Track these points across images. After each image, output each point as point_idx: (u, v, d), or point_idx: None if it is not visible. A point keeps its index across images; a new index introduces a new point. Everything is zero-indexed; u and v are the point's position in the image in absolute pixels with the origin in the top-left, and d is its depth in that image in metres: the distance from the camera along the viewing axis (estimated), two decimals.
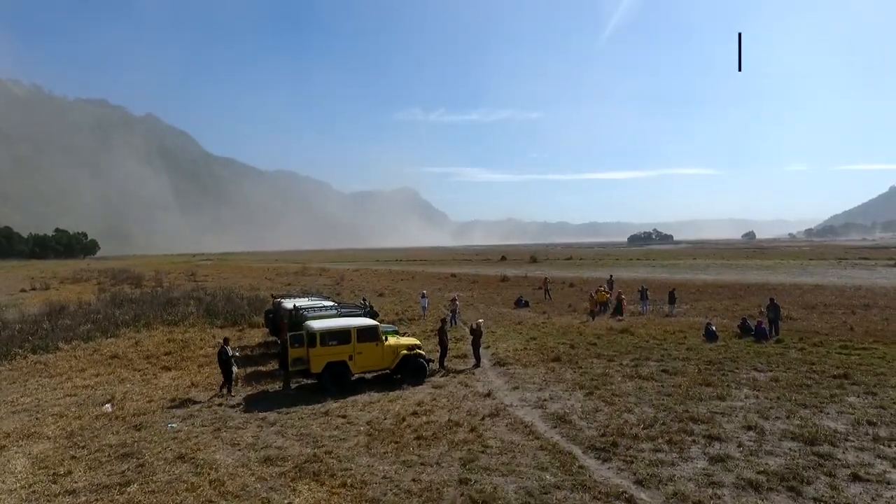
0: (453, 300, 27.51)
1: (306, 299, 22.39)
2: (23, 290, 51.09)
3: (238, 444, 11.27)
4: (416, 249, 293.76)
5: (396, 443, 11.04)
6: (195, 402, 14.52)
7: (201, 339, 23.68)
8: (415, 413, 13.00)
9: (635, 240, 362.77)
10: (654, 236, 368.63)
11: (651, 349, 19.92)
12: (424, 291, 31.60)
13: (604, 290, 30.22)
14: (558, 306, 33.21)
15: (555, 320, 27.60)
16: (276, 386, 16.08)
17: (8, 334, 23.56)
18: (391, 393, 14.96)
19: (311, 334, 15.04)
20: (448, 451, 10.52)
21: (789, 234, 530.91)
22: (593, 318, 27.21)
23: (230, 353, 16.06)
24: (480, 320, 19.09)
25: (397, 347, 16.01)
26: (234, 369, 16.02)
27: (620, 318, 27.49)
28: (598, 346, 20.76)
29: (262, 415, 13.24)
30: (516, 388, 15.15)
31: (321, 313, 17.62)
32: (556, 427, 11.77)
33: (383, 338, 15.93)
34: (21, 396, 15.56)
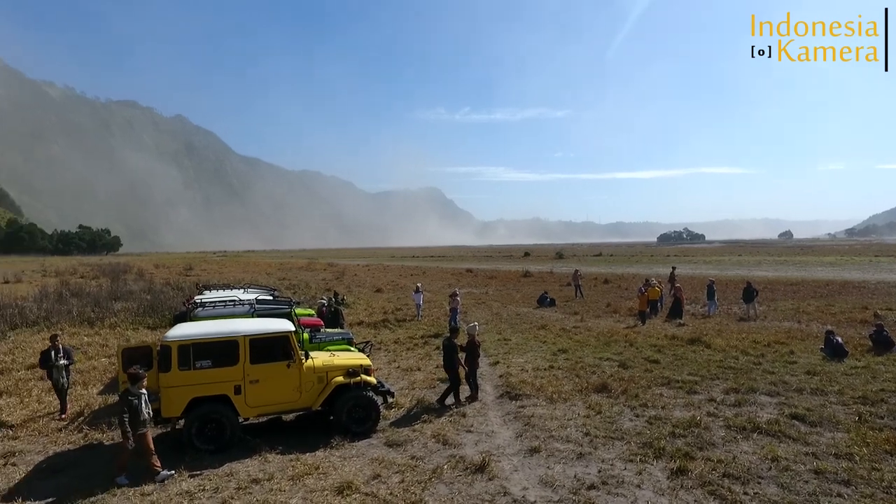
0: (453, 296, 20.60)
1: (241, 292, 15.75)
2: None
3: None
4: (437, 247, 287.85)
5: None
6: None
7: (101, 345, 17.30)
8: None
9: (666, 239, 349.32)
10: (685, 236, 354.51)
11: (747, 371, 12.79)
12: (419, 285, 24.77)
13: (656, 285, 22.94)
14: (593, 306, 26.04)
15: (591, 324, 20.48)
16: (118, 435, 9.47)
17: None
18: (304, 456, 8.19)
19: (164, 348, 8.35)
20: None
21: (828, 235, 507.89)
22: (643, 322, 20.03)
23: (54, 357, 10.43)
24: (475, 324, 12.18)
25: (326, 370, 9.20)
26: (63, 381, 10.51)
27: (681, 321, 20.23)
28: (661, 364, 13.69)
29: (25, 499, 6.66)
30: (536, 450, 8.24)
31: (216, 312, 10.96)
32: None
33: (301, 354, 9.14)
34: None
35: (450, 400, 10.90)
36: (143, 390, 7.64)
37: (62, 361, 10.49)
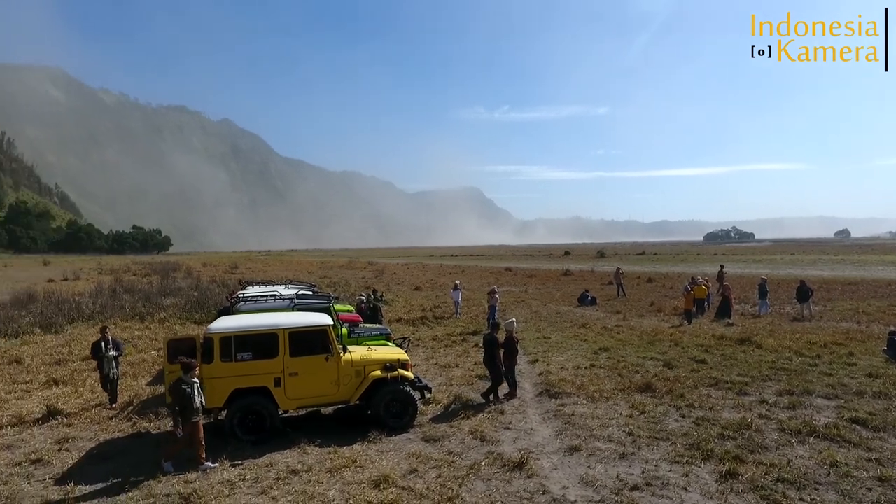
0: (492, 293, 20.39)
1: (282, 287, 16.03)
2: (50, 280, 48.30)
3: None
4: (476, 246, 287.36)
5: None
6: (6, 446, 8.43)
7: (151, 339, 17.92)
8: None
9: (713, 238, 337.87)
10: (733, 234, 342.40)
11: (802, 372, 12.15)
12: (458, 282, 24.67)
13: (703, 284, 22.14)
14: (636, 305, 25.38)
15: (634, 323, 19.94)
16: (167, 424, 9.73)
17: None
18: (342, 449, 8.22)
19: (207, 340, 8.53)
20: None
21: (889, 233, 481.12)
22: (689, 322, 19.36)
23: (104, 348, 10.69)
24: (513, 320, 11.96)
25: (364, 364, 9.21)
26: (114, 372, 10.82)
27: (729, 321, 19.46)
28: (708, 364, 13.17)
29: (73, 490, 6.88)
30: (576, 449, 8.03)
31: (257, 306, 11.15)
32: None
33: (339, 348, 9.18)
34: None
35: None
36: (196, 379, 7.78)
37: (112, 353, 10.83)
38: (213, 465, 7.62)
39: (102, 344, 10.79)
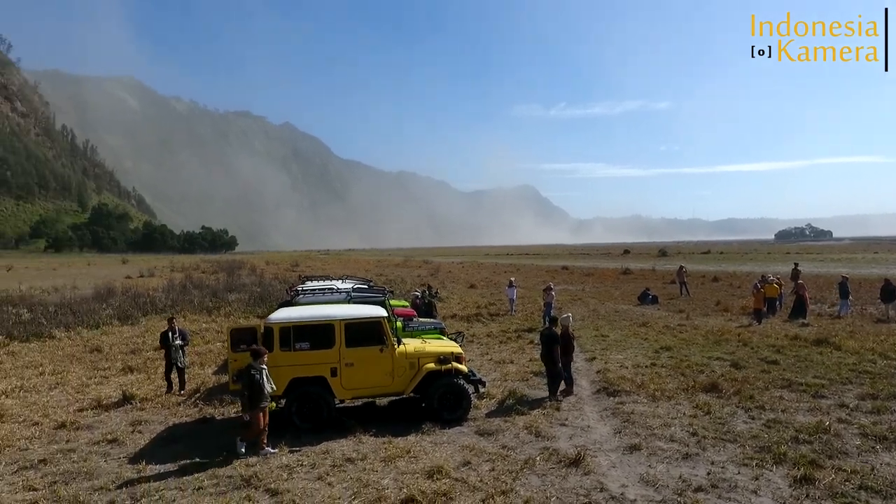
0: (548, 290, 20.03)
1: (339, 282, 16.36)
2: (128, 277, 51.49)
3: None
4: (531, 245, 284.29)
5: None
6: (87, 426, 9.01)
7: (217, 331, 18.72)
8: (411, 502, 6.20)
9: (785, 236, 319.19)
10: (807, 232, 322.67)
11: (887, 376, 11.23)
12: (513, 279, 24.44)
13: (775, 282, 20.92)
14: (700, 304, 24.31)
15: (698, 322, 19.10)
16: (231, 411, 10.11)
17: (28, 317, 20.36)
18: (396, 440, 8.27)
19: (267, 330, 8.79)
20: None
21: None
22: (759, 322, 18.34)
23: (171, 338, 11.18)
24: (569, 315, 11.65)
25: (418, 356, 9.23)
26: (180, 360, 11.35)
27: (804, 321, 18.29)
28: (780, 365, 12.41)
29: (144, 468, 7.25)
30: (636, 448, 7.73)
31: (315, 298, 11.39)
32: None
33: (394, 340, 9.24)
34: None
35: (544, 392, 10.56)
36: (265, 366, 7.95)
37: (178, 342, 11.34)
38: (272, 451, 7.83)
39: (170, 334, 11.31)
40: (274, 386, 8.03)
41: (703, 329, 17.44)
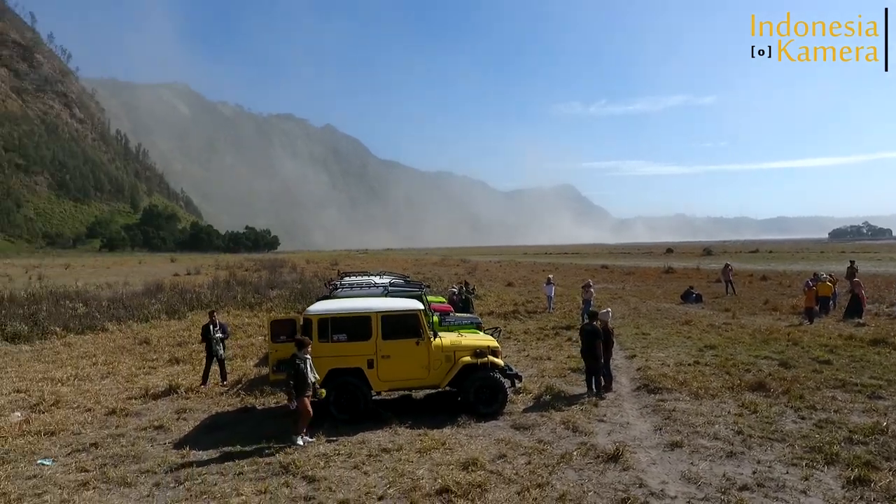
0: (586, 287, 19.69)
1: (377, 277, 16.52)
2: (175, 275, 53.40)
3: None
4: (570, 245, 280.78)
5: None
6: (135, 413, 9.37)
7: (258, 325, 19.18)
8: (445, 492, 6.19)
9: (840, 235, 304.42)
10: (864, 230, 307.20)
11: None
12: (551, 276, 24.12)
13: (828, 280, 19.99)
14: (747, 303, 23.44)
15: (745, 321, 18.42)
16: (270, 401, 10.33)
17: (83, 311, 21.35)
18: (432, 432, 8.27)
19: (306, 321, 8.95)
20: None
21: None
22: (811, 321, 17.55)
23: (212, 331, 11.47)
24: (608, 310, 11.41)
25: (454, 350, 9.22)
26: (220, 352, 11.58)
27: (860, 321, 17.40)
28: (833, 365, 11.83)
29: (188, 454, 7.49)
30: (677, 445, 7.51)
31: (353, 292, 11.52)
32: None
33: (431, 333, 9.25)
34: None
35: (582, 389, 10.39)
36: (308, 356, 8.06)
37: (218, 335, 11.64)
38: (310, 440, 7.95)
39: (211, 327, 11.62)
40: (317, 376, 8.15)
41: (750, 328, 16.81)
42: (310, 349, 8.11)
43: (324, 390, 8.17)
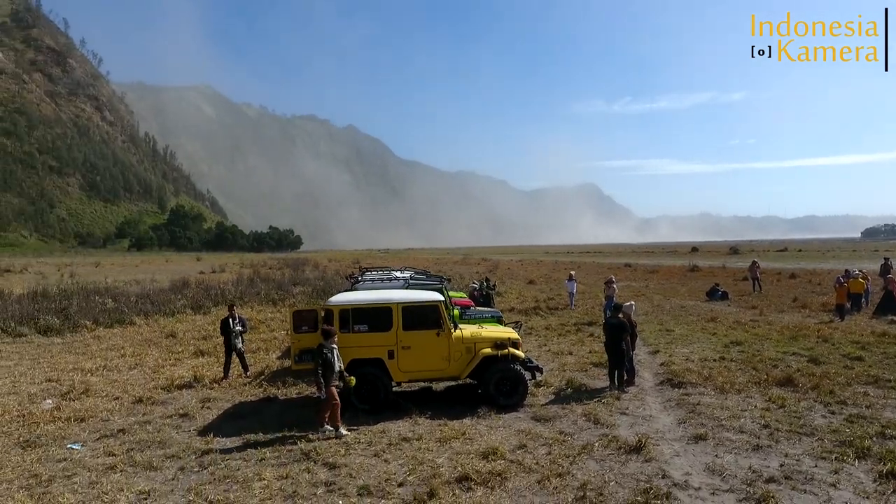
0: (609, 283, 19.47)
1: (398, 272, 16.54)
2: (201, 272, 54.36)
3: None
4: (593, 245, 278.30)
5: None
6: (161, 402, 9.57)
7: (281, 320, 19.42)
8: (465, 480, 6.17)
9: (873, 234, 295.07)
10: None
11: None
12: (572, 273, 23.92)
13: (860, 277, 19.45)
14: (776, 301, 22.90)
15: (773, 319, 18.01)
16: (293, 391, 10.45)
17: (112, 306, 21.88)
18: (452, 422, 8.26)
19: (328, 312, 9.02)
20: None
21: None
22: (842, 318, 17.09)
23: (231, 324, 11.56)
24: (631, 303, 11.26)
25: (475, 341, 9.20)
26: (239, 345, 11.69)
27: (893, 317, 16.87)
28: (865, 361, 11.49)
29: (212, 440, 7.61)
30: (701, 437, 7.37)
31: (375, 285, 11.56)
32: None
33: (451, 324, 9.25)
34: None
35: (604, 383, 10.27)
36: (335, 345, 8.09)
37: (237, 328, 11.72)
38: (332, 430, 8.01)
39: (230, 320, 11.67)
40: (343, 365, 8.17)
41: (778, 325, 16.43)
42: (336, 339, 8.15)
43: (353, 378, 8.21)
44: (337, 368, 7.99)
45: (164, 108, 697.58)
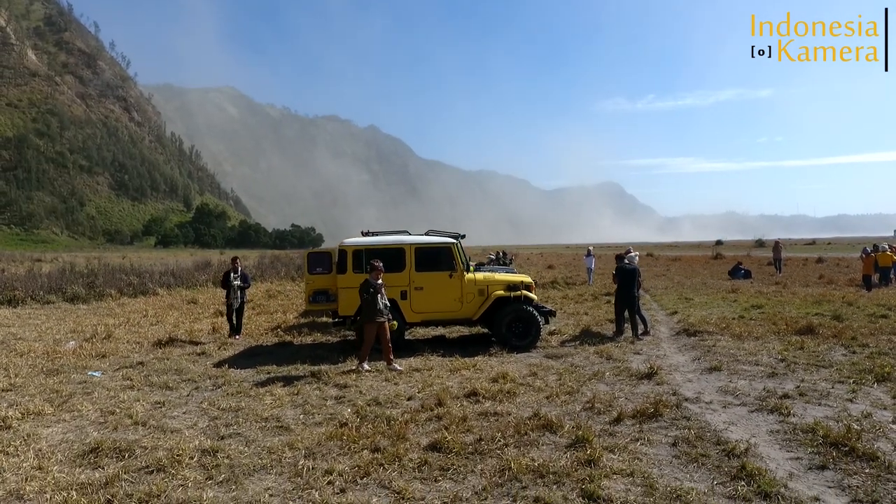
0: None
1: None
2: (223, 253, 55.20)
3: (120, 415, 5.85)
4: (615, 243, 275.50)
5: (394, 458, 4.44)
6: (180, 344, 9.76)
7: (298, 292, 19.64)
8: (476, 395, 6.18)
9: None
10: None
11: None
12: (591, 248, 23.74)
13: (889, 250, 18.90)
14: (800, 279, 22.38)
15: (796, 290, 17.61)
16: (307, 339, 10.57)
17: (137, 282, 22.38)
18: (464, 359, 8.27)
19: (342, 253, 9.11)
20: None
21: None
22: (868, 289, 16.62)
23: (232, 277, 10.88)
24: (636, 254, 11.15)
25: (487, 284, 9.20)
26: (237, 302, 10.87)
27: None
28: (890, 318, 11.17)
29: (227, 371, 7.75)
30: (716, 368, 7.26)
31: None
32: (822, 469, 3.97)
33: (464, 267, 9.25)
34: (30, 331, 12.55)
35: (614, 332, 10.18)
36: (381, 281, 7.85)
37: (237, 282, 10.85)
38: (367, 369, 7.72)
39: (231, 273, 10.98)
40: (387, 302, 7.94)
41: (802, 294, 16.06)
42: (381, 276, 7.85)
43: (395, 322, 8.12)
44: (380, 306, 7.69)
45: (189, 109, 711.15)
